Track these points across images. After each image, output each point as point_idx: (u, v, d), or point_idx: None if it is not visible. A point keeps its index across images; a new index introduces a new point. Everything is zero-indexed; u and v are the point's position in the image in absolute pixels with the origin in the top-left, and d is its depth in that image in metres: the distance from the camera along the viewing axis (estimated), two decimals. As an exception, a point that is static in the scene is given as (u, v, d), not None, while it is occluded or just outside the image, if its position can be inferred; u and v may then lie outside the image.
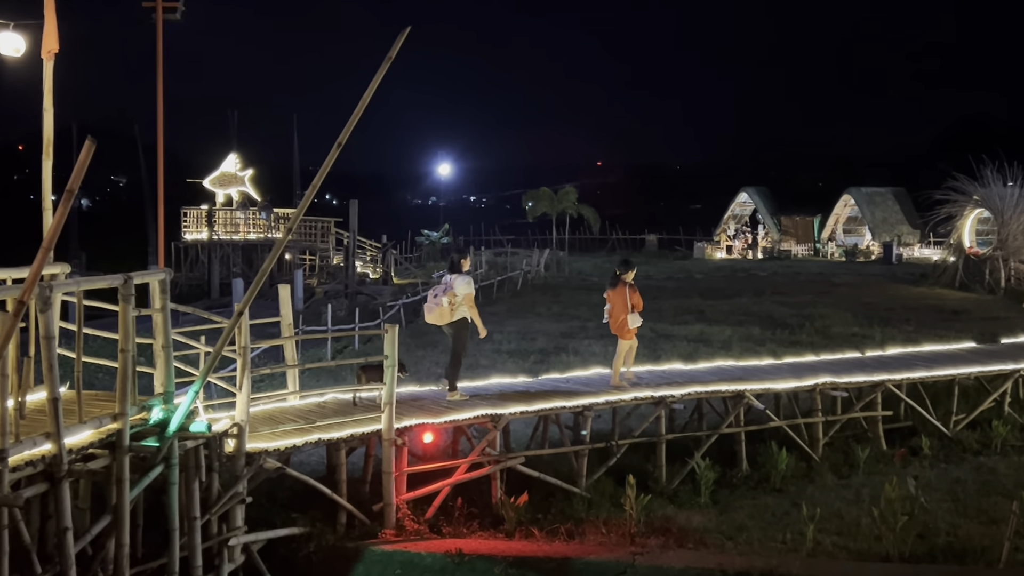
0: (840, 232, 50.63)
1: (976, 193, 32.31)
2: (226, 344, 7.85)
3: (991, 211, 32.23)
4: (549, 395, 10.59)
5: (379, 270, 39.54)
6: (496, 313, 25.35)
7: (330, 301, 25.46)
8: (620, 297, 11.38)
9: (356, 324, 20.64)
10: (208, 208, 38.25)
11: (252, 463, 8.28)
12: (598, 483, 10.17)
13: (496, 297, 29.94)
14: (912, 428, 12.68)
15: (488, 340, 20.25)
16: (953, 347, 15.44)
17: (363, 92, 7.31)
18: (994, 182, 31.87)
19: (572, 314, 24.49)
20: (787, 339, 19.88)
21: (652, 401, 10.89)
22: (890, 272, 37.72)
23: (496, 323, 22.93)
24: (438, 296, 10.43)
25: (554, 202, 51.99)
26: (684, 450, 11.07)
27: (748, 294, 28.65)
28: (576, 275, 38.87)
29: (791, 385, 11.90)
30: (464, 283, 10.37)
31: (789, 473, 10.70)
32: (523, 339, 20.27)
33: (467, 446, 10.45)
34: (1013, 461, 11.54)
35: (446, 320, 10.48)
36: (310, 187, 7.71)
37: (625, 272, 11.46)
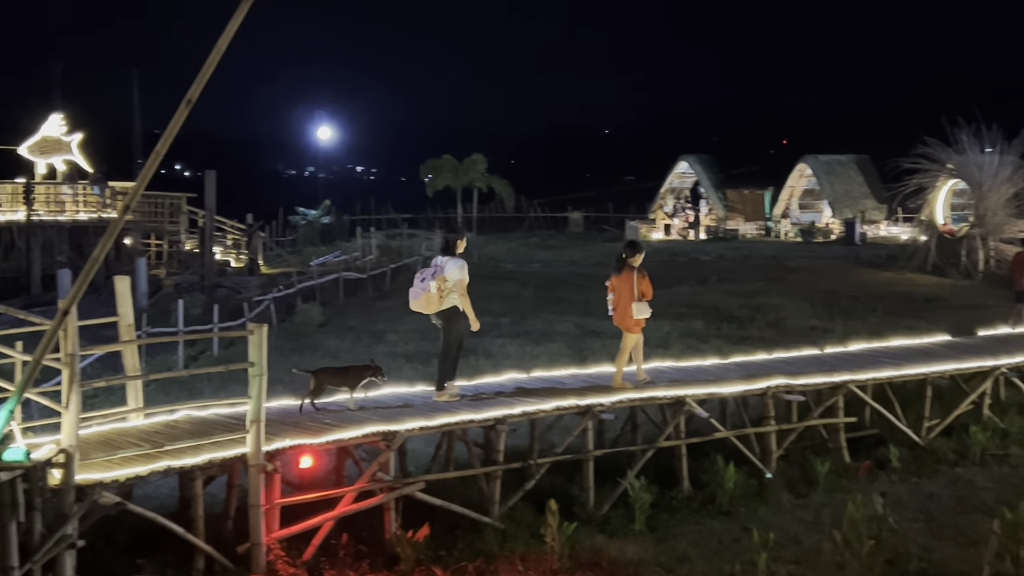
0: (795, 208, 51.98)
1: (950, 161, 33.45)
2: (48, 351, 7.60)
3: (967, 182, 33.47)
4: (455, 407, 10.58)
5: (243, 257, 38.89)
6: (390, 308, 25.25)
7: (182, 296, 24.94)
8: (627, 284, 11.80)
9: (215, 324, 20.27)
10: (25, 182, 36.92)
11: (84, 498, 8.05)
12: (514, 510, 10.22)
13: (390, 288, 29.82)
14: (879, 437, 13.12)
15: (381, 342, 20.29)
16: (925, 341, 16.02)
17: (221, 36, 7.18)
18: (970, 148, 32.93)
19: (483, 308, 24.13)
20: (735, 334, 20.34)
21: (577, 411, 10.99)
22: (853, 254, 38.93)
23: (390, 321, 22.87)
24: (426, 281, 10.78)
25: (459, 173, 51.96)
26: (615, 468, 11.20)
27: (689, 282, 29.19)
28: (487, 261, 38.86)
29: (740, 389, 12.17)
30: (457, 267, 10.77)
31: (738, 492, 10.94)
32: (423, 339, 20.18)
33: (354, 471, 10.36)
34: (993, 473, 12.04)
35: (434, 308, 10.80)
36: (152, 154, 7.51)
37: (632, 255, 11.92)
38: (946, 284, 30.00)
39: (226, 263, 38.00)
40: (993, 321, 19.80)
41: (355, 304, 26.84)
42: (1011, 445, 12.97)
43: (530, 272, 33.89)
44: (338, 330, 22.16)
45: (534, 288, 27.90)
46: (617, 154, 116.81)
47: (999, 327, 17.85)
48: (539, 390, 11.45)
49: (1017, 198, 32.70)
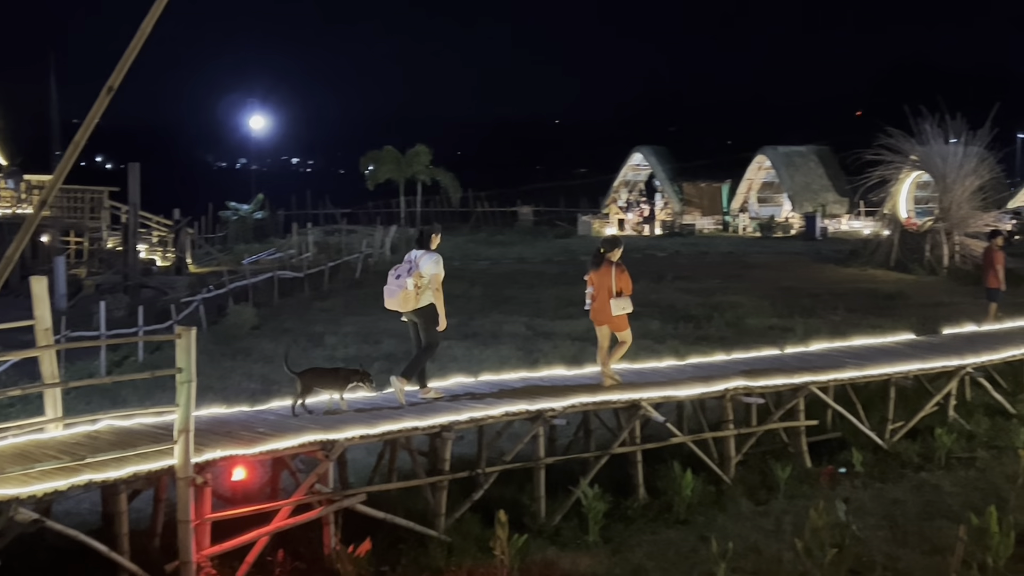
0: (754, 201, 52.57)
1: (913, 152, 34.01)
2: (-43, 357, 7.45)
3: (931, 174, 34.06)
4: (398, 414, 10.54)
5: (170, 256, 38.45)
6: (329, 309, 25.13)
7: (104, 297, 24.58)
8: (605, 279, 11.95)
9: (140, 327, 20.02)
10: (-69, 174, 36.21)
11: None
12: (461, 523, 10.20)
13: (328, 288, 29.67)
14: (841, 440, 13.29)
15: (319, 345, 20.18)
16: (888, 340, 16.25)
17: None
18: (934, 139, 33.50)
19: (426, 308, 24.45)
20: (692, 334, 20.51)
21: (527, 416, 10.99)
22: (814, 250, 39.45)
23: (328, 322, 22.75)
24: (401, 277, 10.99)
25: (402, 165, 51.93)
26: (568, 476, 11.24)
27: (644, 279, 29.27)
28: (431, 259, 38.77)
29: (697, 391, 12.26)
30: (432, 262, 11.04)
31: (695, 500, 11.02)
32: (364, 342, 20.14)
33: (291, 483, 10.29)
34: (959, 477, 12.24)
35: (411, 306, 11.04)
36: (71, 145, 7.41)
37: (611, 250, 12.08)
38: (910, 280, 30.49)
39: (151, 262, 37.55)
40: (959, 319, 20.15)
41: (291, 305, 26.65)
42: (977, 448, 13.19)
43: (477, 270, 33.87)
44: (273, 333, 21.99)
45: (482, 287, 27.85)
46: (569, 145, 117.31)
47: (965, 325, 18.17)
48: (487, 395, 11.44)
49: (982, 191, 33.30)
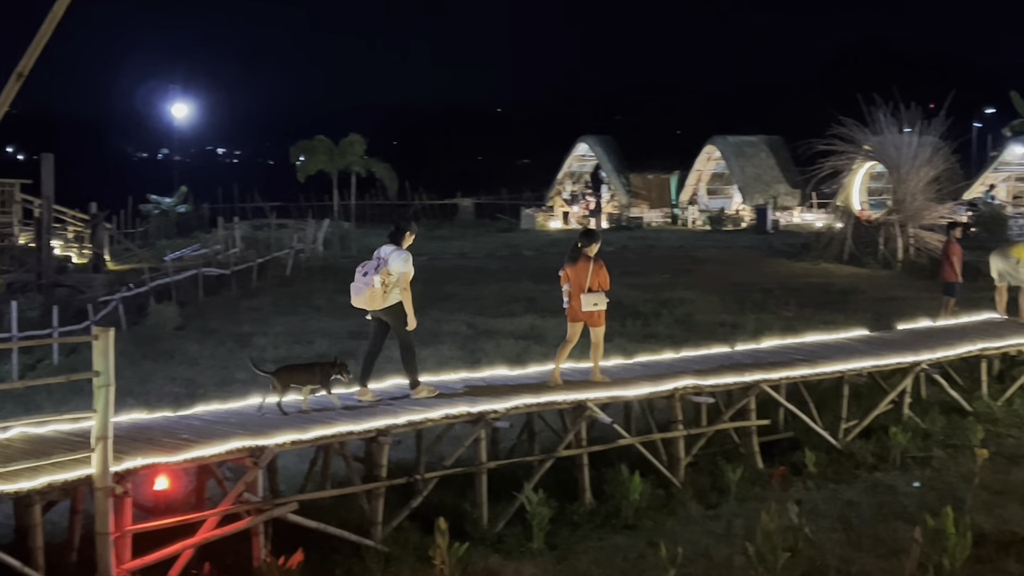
0: (703, 193, 52.98)
1: (867, 142, 34.44)
2: None
3: (885, 164, 34.54)
4: (331, 417, 10.49)
5: (87, 252, 37.88)
6: (257, 308, 24.94)
7: (16, 297, 24.17)
8: (582, 274, 12.15)
9: (55, 328, 19.72)
10: None
11: (-100, 531, 7.74)
12: (399, 531, 10.17)
13: (257, 286, 29.45)
14: (794, 440, 13.45)
15: (247, 346, 20.01)
16: (842, 336, 16.48)
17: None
18: (888, 128, 33.94)
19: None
20: (639, 332, 20.64)
21: (468, 419, 10.99)
22: (765, 243, 39.86)
23: (257, 322, 22.58)
24: (369, 275, 11.16)
25: (334, 156, 51.62)
26: (511, 481, 11.25)
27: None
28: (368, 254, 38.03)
29: (645, 391, 12.33)
30: (402, 259, 11.23)
31: (644, 504, 11.09)
32: (295, 343, 20.02)
33: (218, 492, 10.19)
34: (915, 477, 12.43)
35: (378, 305, 11.26)
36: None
37: (588, 244, 12.24)
38: (863, 275, 30.92)
39: (67, 259, 36.96)
40: (913, 314, 20.46)
41: (217, 304, 26.38)
42: (933, 447, 13.40)
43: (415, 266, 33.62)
44: (198, 333, 21.75)
45: (420, 284, 27.05)
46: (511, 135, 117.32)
47: (920, 320, 18.46)
48: (426, 397, 11.41)
49: (937, 182, 33.83)
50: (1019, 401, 15.28)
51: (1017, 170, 48.54)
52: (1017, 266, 16.92)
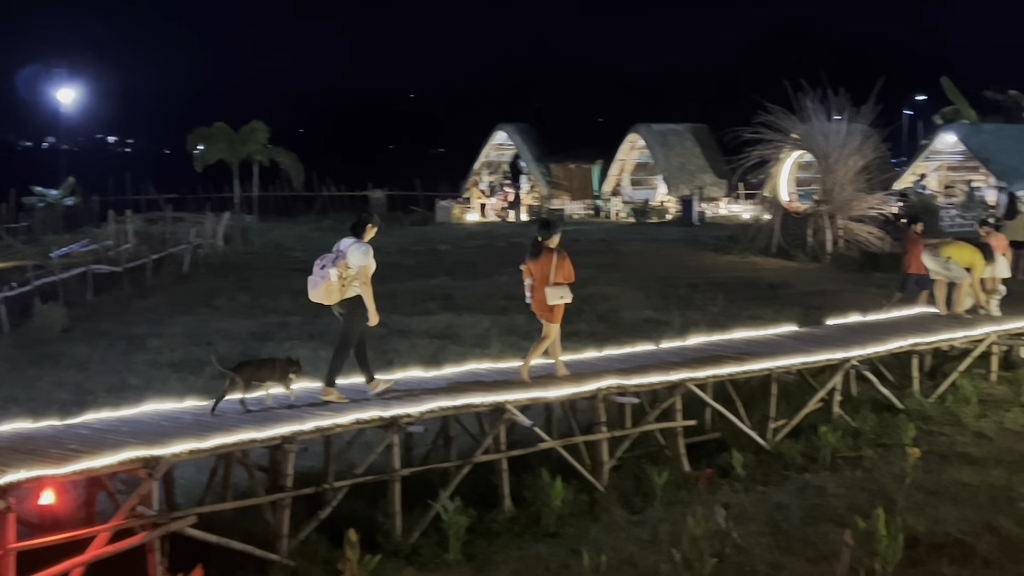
0: (627, 184, 53.36)
1: (794, 130, 34.93)
2: None
3: (813, 153, 35.05)
4: (233, 424, 10.37)
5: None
6: (152, 308, 24.59)
7: None
8: (545, 268, 12.42)
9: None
10: None
11: None
12: (306, 544, 10.10)
13: (152, 284, 28.99)
14: (721, 441, 13.61)
15: (141, 349, 19.71)
16: (770, 332, 16.72)
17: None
18: (816, 115, 34.46)
19: (267, 306, 24.17)
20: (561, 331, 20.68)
21: (380, 424, 10.94)
22: (691, 236, 40.26)
23: (152, 323, 22.27)
24: (326, 268, 11.35)
25: (235, 144, 50.98)
26: (426, 488, 11.23)
27: (510, 270, 29.32)
28: (272, 249, 38.32)
29: (567, 392, 12.39)
30: (361, 252, 11.41)
31: (566, 510, 11.14)
32: (194, 345, 19.78)
33: (110, 506, 10.03)
34: (845, 478, 12.64)
35: (335, 298, 11.41)
36: None
37: (549, 236, 12.53)
38: (792, 268, 31.37)
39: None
40: (843, 307, 20.84)
41: (108, 304, 25.93)
42: (864, 446, 13.64)
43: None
44: (87, 336, 21.36)
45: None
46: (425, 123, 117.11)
47: (849, 314, 18.80)
48: (335, 401, 11.34)
49: (867, 171, 34.41)
50: (951, 398, 15.60)
51: (948, 159, 49.65)
52: (948, 264, 17.29)
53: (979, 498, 11.51)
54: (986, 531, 10.50)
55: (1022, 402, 15.56)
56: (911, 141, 70.26)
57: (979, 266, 17.30)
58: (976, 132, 48.03)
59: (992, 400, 15.83)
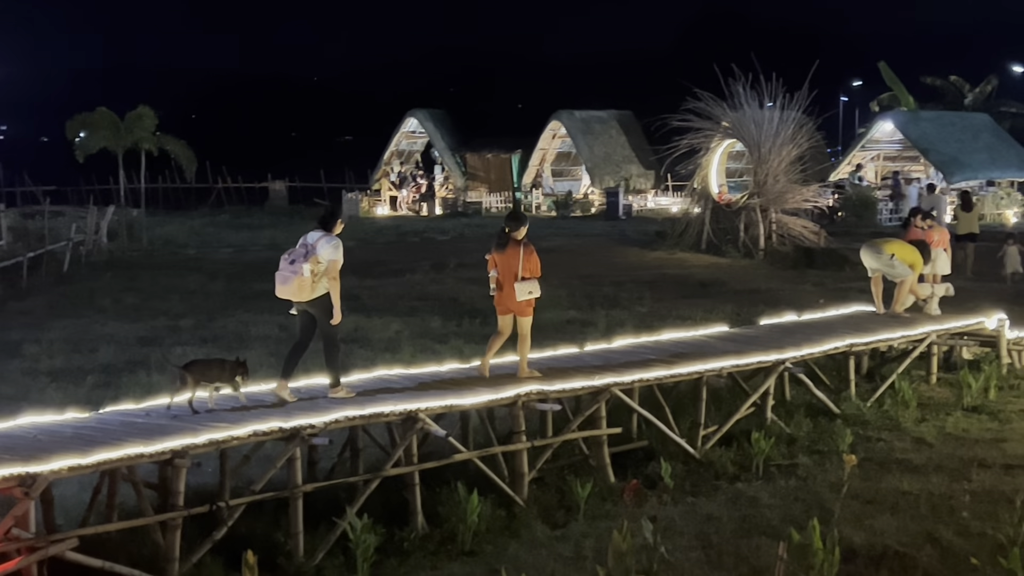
0: (548, 175, 53.55)
1: (725, 118, 35.26)
2: None
3: (745, 143, 35.44)
4: (118, 438, 10.20)
5: None
6: (29, 311, 24.16)
7: None
8: (512, 261, 12.64)
9: None
10: None
11: None
12: (200, 568, 9.99)
13: (28, 285, 28.42)
14: (648, 450, 13.69)
15: (16, 356, 19.35)
16: (700, 333, 16.86)
17: None
18: (748, 102, 34.84)
19: (156, 308, 23.88)
20: (479, 332, 20.70)
21: (280, 435, 10.83)
22: (617, 231, 40.55)
23: (28, 328, 21.87)
24: (297, 262, 11.60)
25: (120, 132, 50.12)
26: (331, 505, 11.15)
27: (423, 268, 29.56)
28: (162, 246, 37.89)
29: (484, 399, 12.37)
30: (332, 246, 11.65)
31: (483, 527, 11.12)
32: (75, 351, 19.46)
33: (-18, 528, 9.81)
34: (779, 487, 12.77)
35: (306, 295, 11.65)
36: None
37: (516, 228, 12.77)
38: (723, 264, 31.74)
39: None
40: (777, 306, 21.14)
41: (-21, 307, 25.42)
42: (798, 453, 13.80)
43: (219, 259, 33.20)
44: (-46, 342, 20.90)
45: (224, 280, 27.31)
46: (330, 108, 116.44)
47: (783, 313, 19.04)
48: (231, 411, 11.22)
49: (801, 161, 34.88)
50: (890, 402, 15.86)
51: (886, 148, 50.56)
52: (892, 261, 17.58)
53: (919, 507, 11.70)
54: (926, 542, 10.68)
55: (964, 405, 15.86)
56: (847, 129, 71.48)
57: (920, 265, 17.64)
58: (915, 120, 48.97)
59: (932, 403, 16.14)
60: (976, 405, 15.86)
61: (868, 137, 49.36)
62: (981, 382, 16.38)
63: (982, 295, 22.85)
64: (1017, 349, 18.26)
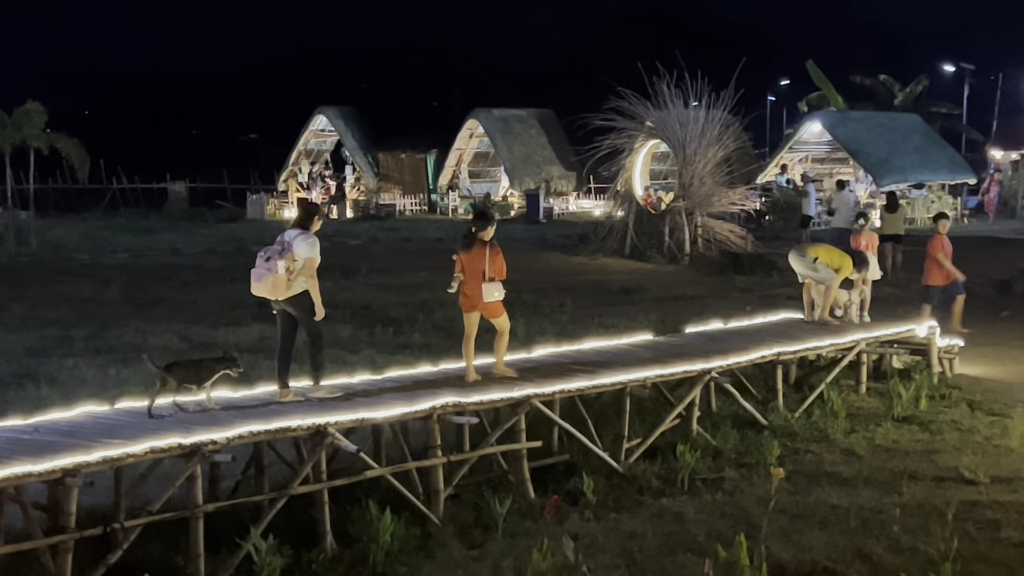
0: (465, 176, 53.58)
1: (649, 117, 35.46)
2: None
3: (669, 143, 35.70)
4: (5, 455, 10.02)
5: None
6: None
7: None
8: (478, 261, 13.14)
9: None
10: None
11: None
12: (93, 594, 9.83)
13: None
14: (570, 464, 13.70)
15: None
16: (624, 342, 16.94)
17: None
18: (673, 101, 35.08)
19: (46, 317, 23.51)
20: (392, 342, 20.68)
21: (180, 452, 10.70)
22: (537, 235, 40.66)
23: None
24: (272, 260, 11.96)
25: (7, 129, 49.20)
26: (235, 526, 11.04)
27: (333, 274, 29.31)
28: (53, 250, 37.33)
29: (398, 412, 12.32)
30: (308, 244, 12.10)
31: (396, 547, 11.07)
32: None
33: None
34: (705, 502, 12.84)
35: (282, 293, 12.07)
36: None
37: (483, 228, 13.28)
38: (647, 270, 31.95)
39: None
40: (703, 313, 21.29)
41: None
42: (725, 466, 13.88)
43: (114, 265, 32.74)
44: None
45: (120, 287, 27.02)
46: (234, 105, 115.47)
47: (709, 321, 19.21)
48: (127, 426, 11.08)
49: (728, 163, 35.20)
50: (818, 412, 16.03)
51: (815, 150, 51.26)
52: (816, 265, 17.83)
53: (848, 522, 11.84)
54: (856, 558, 10.80)
55: (894, 416, 16.08)
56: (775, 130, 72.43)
57: (846, 269, 17.89)
58: (844, 120, 49.69)
59: (862, 414, 16.34)
60: (907, 415, 16.08)
61: (796, 138, 49.96)
62: (912, 392, 16.62)
63: (911, 302, 23.26)
64: (948, 357, 18.58)
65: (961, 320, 20.90)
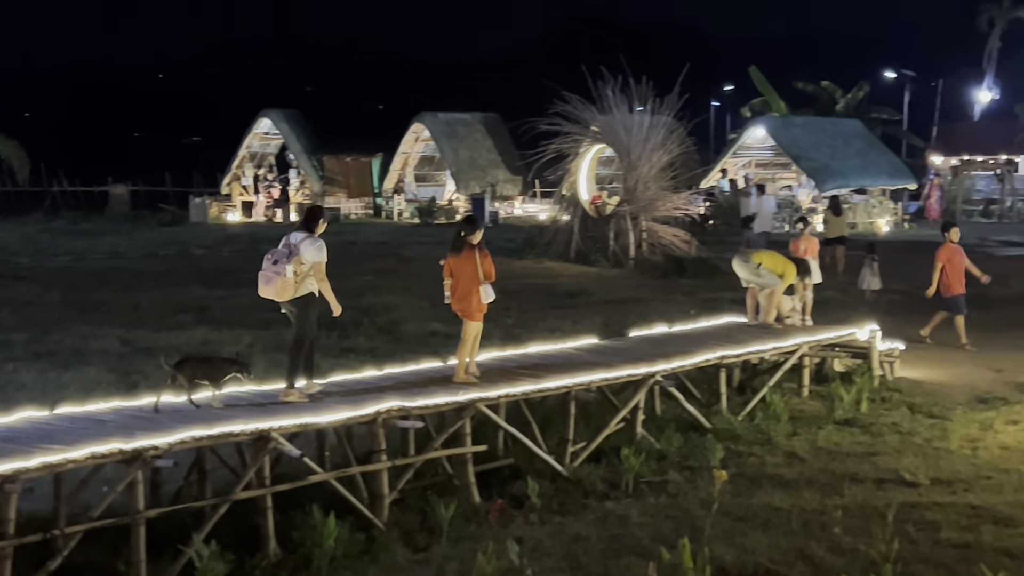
0: (411, 180, 53.54)
1: (594, 122, 35.51)
2: None
3: (614, 148, 35.80)
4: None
5: None
6: None
7: None
8: (469, 265, 13.54)
9: None
10: None
11: None
12: (32, 602, 9.74)
13: None
14: (515, 468, 13.74)
15: None
16: (569, 346, 17.01)
17: None
18: (617, 106, 35.14)
19: (-16, 321, 23.25)
20: (335, 346, 20.60)
21: (121, 457, 10.62)
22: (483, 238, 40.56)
23: None
24: (279, 263, 12.19)
25: (-54, 131, 48.85)
26: (178, 531, 10.98)
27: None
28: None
29: (341, 416, 12.29)
30: (315, 247, 12.35)
31: (340, 551, 11.04)
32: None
33: None
34: (649, 505, 12.91)
35: (289, 295, 12.32)
36: None
37: (472, 232, 13.73)
38: (592, 274, 32.04)
39: None
40: (648, 317, 21.38)
41: None
42: (669, 469, 13.94)
43: (55, 268, 32.41)
44: None
45: (61, 291, 26.79)
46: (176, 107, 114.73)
47: (654, 324, 19.30)
48: (67, 431, 10.98)
49: (672, 167, 35.36)
50: (761, 415, 16.15)
51: (758, 155, 51.67)
52: (759, 270, 17.97)
53: (791, 523, 11.93)
54: (798, 559, 10.89)
55: (835, 419, 16.23)
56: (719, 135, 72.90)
57: (790, 275, 18.05)
58: (786, 126, 50.13)
59: (804, 417, 16.49)
60: (848, 418, 16.24)
61: (740, 143, 50.36)
62: (853, 395, 16.78)
63: (852, 305, 23.48)
64: (888, 361, 18.78)
65: (933, 329, 21.26)
